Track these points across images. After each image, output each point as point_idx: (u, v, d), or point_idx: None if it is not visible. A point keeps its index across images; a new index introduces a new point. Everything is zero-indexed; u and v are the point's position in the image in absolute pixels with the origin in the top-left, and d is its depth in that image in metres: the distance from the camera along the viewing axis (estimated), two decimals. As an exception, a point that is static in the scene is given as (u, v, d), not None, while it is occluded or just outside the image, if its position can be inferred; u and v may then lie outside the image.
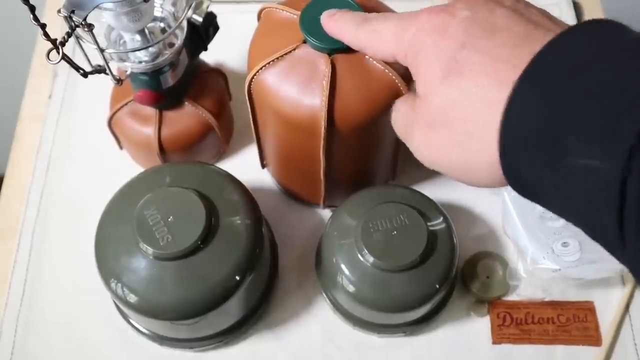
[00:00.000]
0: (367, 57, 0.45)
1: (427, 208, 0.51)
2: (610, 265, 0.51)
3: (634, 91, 0.24)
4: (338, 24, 0.38)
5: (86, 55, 0.47)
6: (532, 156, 0.27)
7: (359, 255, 0.49)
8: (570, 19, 0.71)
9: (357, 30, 0.37)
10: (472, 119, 0.29)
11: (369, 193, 0.53)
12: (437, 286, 0.49)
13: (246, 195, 0.51)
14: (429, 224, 0.49)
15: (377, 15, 0.36)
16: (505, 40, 0.29)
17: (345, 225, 0.51)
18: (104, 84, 0.58)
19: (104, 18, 0.48)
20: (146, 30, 0.50)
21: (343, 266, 0.50)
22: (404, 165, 0.60)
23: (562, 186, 0.26)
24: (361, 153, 0.52)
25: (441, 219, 0.51)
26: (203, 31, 0.54)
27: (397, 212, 0.49)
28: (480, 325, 0.55)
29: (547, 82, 0.27)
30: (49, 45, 0.42)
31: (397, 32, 0.34)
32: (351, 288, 0.49)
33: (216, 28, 0.56)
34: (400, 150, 0.56)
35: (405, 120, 0.34)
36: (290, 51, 0.46)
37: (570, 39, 0.27)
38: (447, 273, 0.50)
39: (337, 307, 0.54)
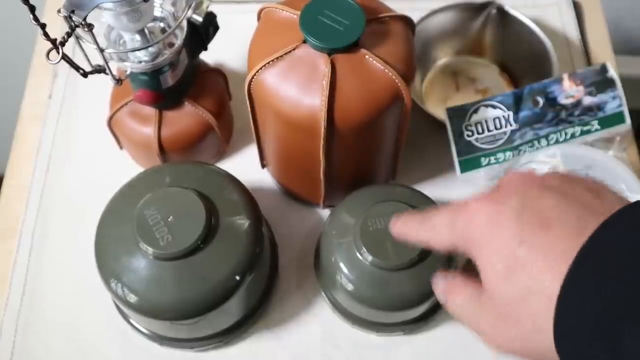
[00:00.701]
0: (367, 57, 0.45)
1: (425, 207, 0.51)
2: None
3: None
4: (403, 229, 0.39)
5: (86, 55, 0.47)
6: (587, 339, 0.28)
7: (358, 254, 0.49)
8: (570, 19, 0.71)
9: (418, 230, 0.38)
10: (541, 314, 0.30)
11: (368, 191, 0.53)
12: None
13: (246, 195, 0.51)
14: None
15: (434, 210, 0.37)
16: (560, 234, 0.30)
17: (344, 223, 0.51)
18: (104, 84, 0.58)
19: (103, 18, 0.48)
20: (146, 30, 0.50)
21: (342, 265, 0.50)
22: (404, 165, 0.60)
23: None
24: (361, 153, 0.52)
25: None
26: (203, 31, 0.54)
27: (396, 211, 0.49)
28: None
29: (598, 269, 0.28)
30: (49, 45, 0.42)
31: (450, 224, 0.35)
32: (350, 286, 0.49)
33: (216, 28, 0.56)
34: (400, 150, 0.56)
35: (471, 311, 0.35)
36: (290, 51, 0.46)
37: (619, 222, 0.29)
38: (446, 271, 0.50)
39: (336, 306, 0.54)
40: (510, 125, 0.58)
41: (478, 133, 0.58)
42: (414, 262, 0.48)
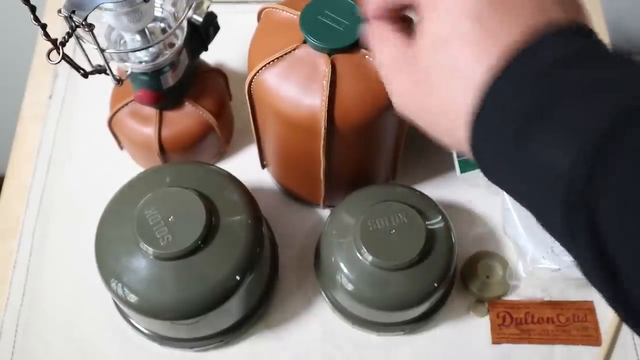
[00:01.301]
0: (367, 57, 0.45)
1: (425, 207, 0.51)
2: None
3: (606, 91, 0.25)
4: None
5: (86, 56, 0.47)
6: (497, 132, 0.27)
7: (358, 254, 0.49)
8: (570, 19, 0.71)
9: None
10: (458, 97, 0.29)
11: (368, 191, 0.53)
12: (436, 284, 0.49)
13: (246, 195, 0.51)
14: (427, 222, 0.50)
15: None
16: (509, 25, 0.28)
17: (344, 223, 0.51)
18: (104, 84, 0.58)
19: (104, 18, 0.48)
20: (146, 31, 0.50)
21: (342, 265, 0.50)
22: (404, 165, 0.60)
23: (519, 170, 0.27)
24: (361, 153, 0.52)
25: (440, 217, 0.51)
26: (203, 31, 0.54)
27: (395, 211, 0.49)
28: (480, 325, 0.55)
29: (529, 67, 0.27)
30: (50, 45, 0.42)
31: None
32: (350, 286, 0.49)
33: (216, 28, 0.56)
34: (400, 150, 0.56)
35: (394, 65, 0.34)
36: (290, 51, 0.46)
37: (555, 37, 0.28)
38: (446, 271, 0.50)
39: (336, 306, 0.54)
40: (510, 125, 0.58)
41: (478, 133, 0.58)
42: (413, 262, 0.48)
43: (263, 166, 0.61)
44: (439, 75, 0.30)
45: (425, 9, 0.32)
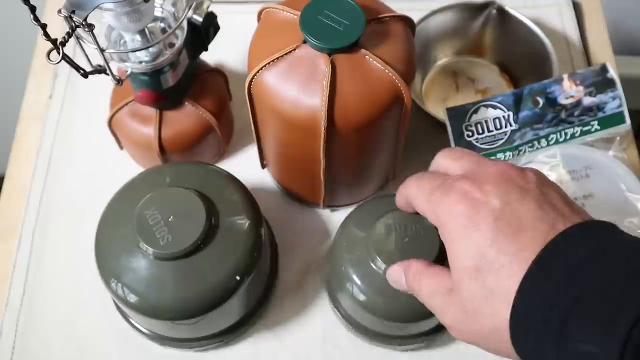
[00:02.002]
0: (367, 57, 0.45)
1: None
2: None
3: (629, 290, 0.29)
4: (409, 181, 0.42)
5: (86, 56, 0.47)
6: (538, 338, 0.30)
7: (372, 264, 0.47)
8: (570, 19, 0.71)
9: (410, 181, 0.41)
10: (501, 315, 0.32)
11: (380, 201, 0.52)
12: None
13: (246, 195, 0.51)
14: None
15: (432, 170, 0.41)
16: (530, 240, 0.32)
17: (355, 233, 0.50)
18: (104, 84, 0.58)
19: (104, 18, 0.48)
20: (146, 31, 0.50)
21: (354, 275, 0.48)
22: (404, 165, 0.60)
23: None
24: (361, 153, 0.52)
25: None
26: (203, 31, 0.54)
27: (408, 219, 0.47)
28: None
29: (554, 274, 0.30)
30: (50, 45, 0.42)
31: (428, 196, 0.38)
32: (362, 297, 0.48)
33: (216, 28, 0.56)
34: (400, 150, 0.56)
35: (440, 301, 0.37)
36: (290, 51, 0.46)
37: (582, 233, 0.32)
38: None
39: (349, 321, 0.53)
40: (510, 125, 0.58)
41: (478, 133, 0.58)
42: None
43: (263, 166, 0.61)
44: (479, 302, 0.33)
45: (447, 241, 0.36)
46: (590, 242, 0.31)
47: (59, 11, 0.41)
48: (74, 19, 0.42)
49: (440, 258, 0.47)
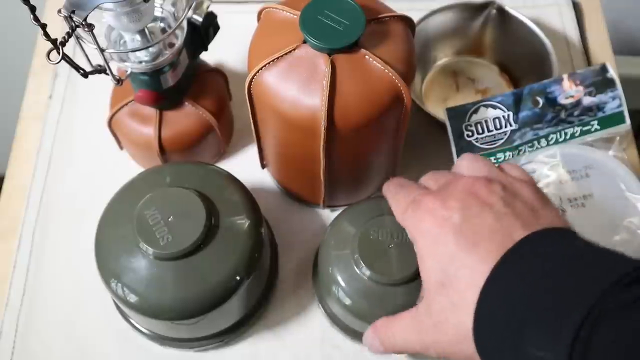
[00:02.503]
0: (367, 57, 0.45)
1: None
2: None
3: (577, 291, 0.30)
4: (386, 187, 0.45)
5: (86, 56, 0.47)
6: (498, 347, 0.32)
7: (356, 268, 0.48)
8: (570, 19, 0.71)
9: (389, 194, 0.43)
10: (465, 325, 0.34)
11: (368, 204, 0.52)
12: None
13: (246, 195, 0.51)
14: None
15: (408, 187, 0.42)
16: (486, 253, 0.34)
17: (343, 236, 0.50)
18: (104, 84, 0.58)
19: (104, 18, 0.48)
20: (146, 30, 0.50)
21: (339, 278, 0.49)
22: (404, 165, 0.60)
23: None
24: (361, 153, 0.52)
25: None
26: (203, 31, 0.54)
27: (394, 225, 0.48)
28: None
29: (508, 283, 0.32)
30: (49, 45, 0.42)
31: (403, 211, 0.40)
32: (347, 300, 0.49)
33: (216, 28, 0.56)
34: (400, 150, 0.56)
35: (414, 332, 0.39)
36: (290, 51, 0.46)
37: (538, 241, 0.34)
38: None
39: (333, 319, 0.53)
40: (510, 125, 0.58)
41: (478, 133, 0.58)
42: (412, 277, 0.47)
43: (263, 166, 0.61)
44: (446, 314, 0.35)
45: (418, 256, 0.38)
46: (544, 249, 0.33)
47: (59, 11, 0.41)
48: (74, 19, 0.42)
49: None
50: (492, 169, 0.40)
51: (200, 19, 0.53)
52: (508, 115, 0.58)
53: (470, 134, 0.58)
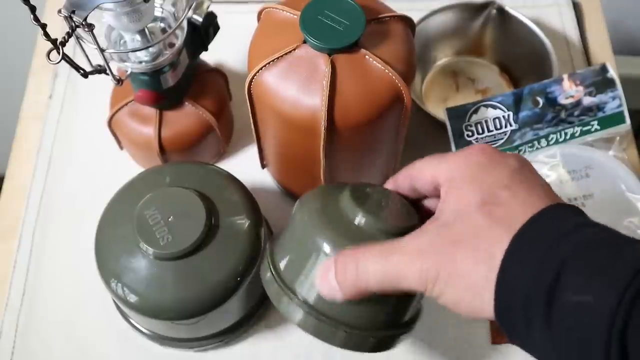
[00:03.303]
0: (367, 57, 0.45)
1: None
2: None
3: (619, 247, 0.30)
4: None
5: (86, 56, 0.47)
6: (527, 284, 0.30)
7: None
8: (570, 19, 0.71)
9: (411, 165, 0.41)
10: (499, 241, 0.32)
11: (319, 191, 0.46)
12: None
13: (246, 195, 0.51)
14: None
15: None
16: (540, 198, 0.33)
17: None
18: (104, 84, 0.58)
19: (104, 18, 0.48)
20: (146, 31, 0.50)
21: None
22: (404, 165, 0.60)
23: (554, 322, 0.29)
24: (361, 153, 0.52)
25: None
26: (203, 31, 0.54)
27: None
28: (480, 325, 0.55)
29: (558, 224, 0.31)
30: (50, 45, 0.42)
31: (442, 157, 0.38)
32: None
33: (216, 28, 0.56)
34: (400, 150, 0.56)
35: (393, 260, 0.34)
36: (290, 51, 0.46)
37: (568, 210, 0.33)
38: None
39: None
40: (510, 125, 0.58)
41: (478, 133, 0.58)
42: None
43: (263, 166, 0.61)
44: (479, 230, 0.32)
45: (449, 190, 0.35)
46: (580, 216, 0.33)
47: (59, 11, 0.42)
48: (74, 19, 0.42)
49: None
50: None
51: (200, 19, 0.53)
52: (508, 115, 0.58)
53: (470, 134, 0.58)
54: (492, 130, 0.58)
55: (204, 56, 0.59)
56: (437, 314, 0.54)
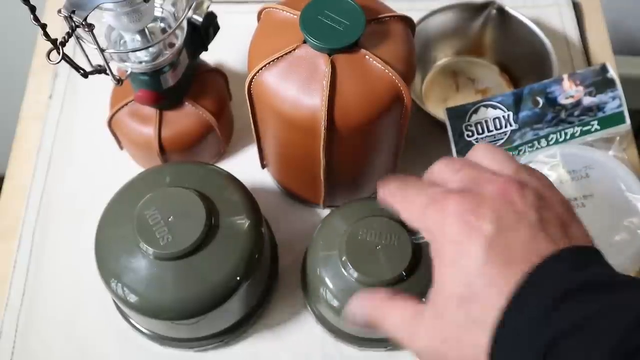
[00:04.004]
0: (367, 57, 0.45)
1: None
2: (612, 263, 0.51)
3: (604, 326, 0.28)
4: (386, 190, 0.39)
5: (86, 56, 0.47)
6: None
7: (343, 270, 0.48)
8: (570, 19, 0.71)
9: (396, 197, 0.38)
10: (480, 344, 0.31)
11: (358, 204, 0.52)
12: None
13: (246, 195, 0.51)
14: (413, 237, 0.48)
15: (417, 184, 0.37)
16: (518, 270, 0.31)
17: (332, 236, 0.50)
18: (104, 84, 0.58)
19: (104, 18, 0.48)
20: (146, 31, 0.50)
21: (327, 279, 0.49)
22: (404, 165, 0.60)
23: None
24: (361, 153, 0.52)
25: None
26: (203, 31, 0.54)
27: (382, 227, 0.48)
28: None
29: (532, 310, 0.30)
30: (50, 45, 0.42)
31: (422, 211, 0.35)
32: (335, 302, 0.48)
33: (216, 28, 0.56)
34: (400, 150, 0.56)
35: (411, 328, 0.35)
36: (290, 51, 0.46)
37: (564, 262, 0.31)
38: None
39: (320, 319, 0.53)
40: (510, 125, 0.58)
41: (478, 133, 0.58)
42: (399, 279, 0.47)
43: (263, 166, 0.61)
44: (461, 330, 0.32)
45: (436, 261, 0.34)
46: (574, 271, 0.30)
47: (59, 11, 0.42)
48: (74, 19, 0.42)
49: (412, 263, 0.47)
50: (518, 167, 0.35)
51: (200, 19, 0.53)
52: (508, 115, 0.58)
53: (470, 134, 0.58)
54: (492, 130, 0.58)
55: (204, 56, 0.59)
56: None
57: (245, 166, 0.62)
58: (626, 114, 0.59)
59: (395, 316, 0.36)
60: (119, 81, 0.50)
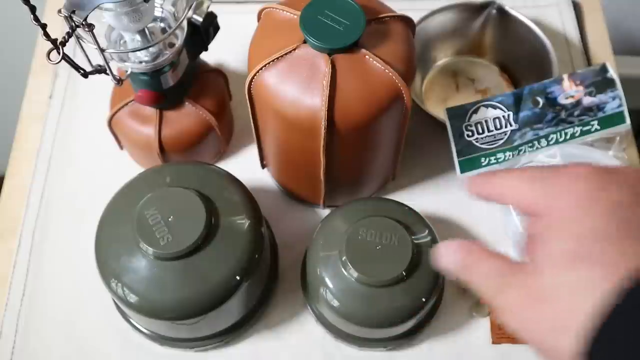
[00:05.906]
0: (367, 57, 0.45)
1: (412, 221, 0.50)
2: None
3: None
4: (481, 180, 0.37)
5: (87, 56, 0.47)
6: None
7: (343, 270, 0.48)
8: (570, 19, 0.71)
9: (496, 180, 0.36)
10: (579, 313, 0.29)
11: (359, 204, 0.52)
12: (424, 299, 0.48)
13: (246, 195, 0.51)
14: (413, 237, 0.49)
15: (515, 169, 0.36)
16: (636, 248, 0.29)
17: (332, 236, 0.50)
18: (104, 84, 0.58)
19: (104, 18, 0.48)
20: (146, 31, 0.50)
21: (327, 279, 0.49)
22: (404, 165, 0.60)
23: None
24: (361, 153, 0.52)
25: (426, 232, 0.50)
26: (203, 31, 0.54)
27: (383, 226, 0.48)
28: (480, 326, 0.55)
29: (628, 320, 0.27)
30: (50, 45, 0.42)
31: (534, 180, 0.34)
32: (335, 302, 0.48)
33: (216, 28, 0.56)
34: (400, 150, 0.56)
35: (498, 282, 0.33)
36: (290, 51, 0.46)
37: None
38: (433, 285, 0.49)
39: (320, 319, 0.53)
40: (510, 125, 0.58)
41: (478, 133, 0.58)
42: (400, 279, 0.47)
43: (263, 166, 0.61)
44: (567, 290, 0.30)
45: (548, 224, 0.32)
46: None
47: (59, 11, 0.42)
48: (74, 19, 0.42)
49: (413, 263, 0.47)
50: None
51: (200, 19, 0.53)
52: (508, 115, 0.58)
53: (470, 134, 0.58)
54: (492, 130, 0.58)
55: (204, 56, 0.59)
56: (437, 314, 0.54)
57: (245, 166, 0.62)
58: (626, 114, 0.59)
59: (486, 266, 0.34)
60: (119, 81, 0.50)
